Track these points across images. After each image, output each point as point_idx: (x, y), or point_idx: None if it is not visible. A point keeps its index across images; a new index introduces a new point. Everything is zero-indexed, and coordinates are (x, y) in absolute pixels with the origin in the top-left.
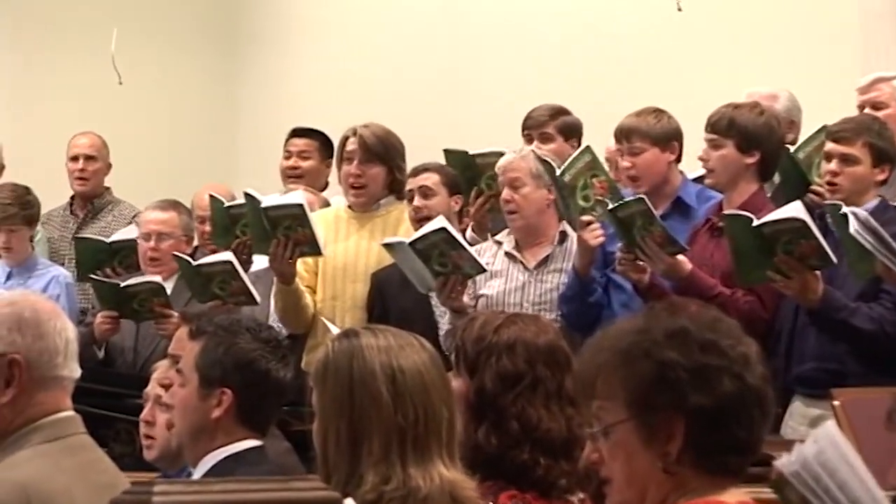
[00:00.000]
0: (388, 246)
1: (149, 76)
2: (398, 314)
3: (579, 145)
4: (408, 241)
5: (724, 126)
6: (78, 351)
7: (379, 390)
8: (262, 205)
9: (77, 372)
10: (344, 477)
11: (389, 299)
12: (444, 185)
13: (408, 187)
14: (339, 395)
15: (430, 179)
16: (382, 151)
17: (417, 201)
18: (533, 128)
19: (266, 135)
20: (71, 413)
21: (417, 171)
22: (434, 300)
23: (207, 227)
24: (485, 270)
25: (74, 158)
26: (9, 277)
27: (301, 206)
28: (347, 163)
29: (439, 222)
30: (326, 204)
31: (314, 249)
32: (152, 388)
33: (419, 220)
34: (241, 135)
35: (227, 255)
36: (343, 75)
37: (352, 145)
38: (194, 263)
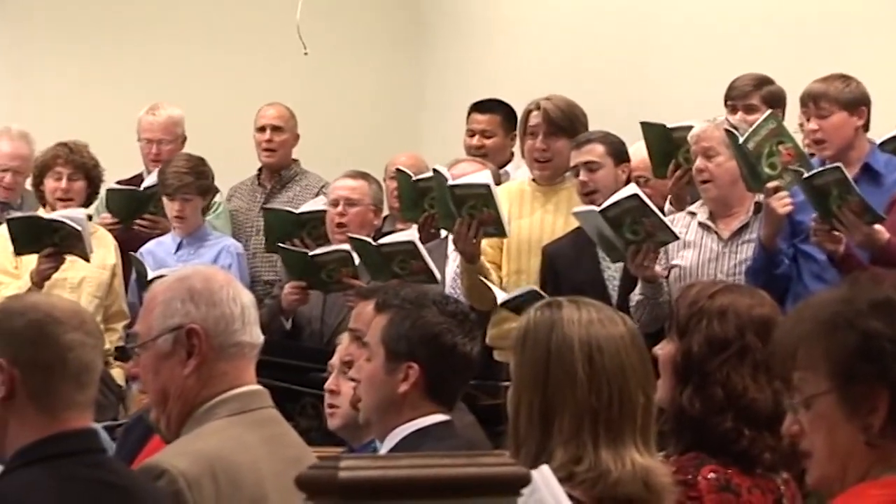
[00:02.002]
0: (578, 214)
1: (334, 46)
2: (570, 288)
3: (784, 116)
4: (599, 209)
5: None
6: (263, 320)
7: (574, 367)
8: (449, 183)
9: (259, 338)
10: (534, 450)
11: (562, 273)
12: (609, 156)
13: (572, 162)
14: (534, 366)
15: (595, 151)
16: (567, 124)
17: (583, 175)
18: (737, 98)
19: (450, 106)
20: (258, 387)
21: (580, 144)
22: (606, 273)
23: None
24: (678, 238)
25: (262, 129)
26: (179, 248)
27: (487, 185)
28: (531, 137)
29: (631, 189)
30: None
31: (499, 230)
32: (337, 359)
33: (587, 195)
34: (425, 106)
35: (410, 236)
36: (529, 46)
37: (535, 119)
38: (375, 243)
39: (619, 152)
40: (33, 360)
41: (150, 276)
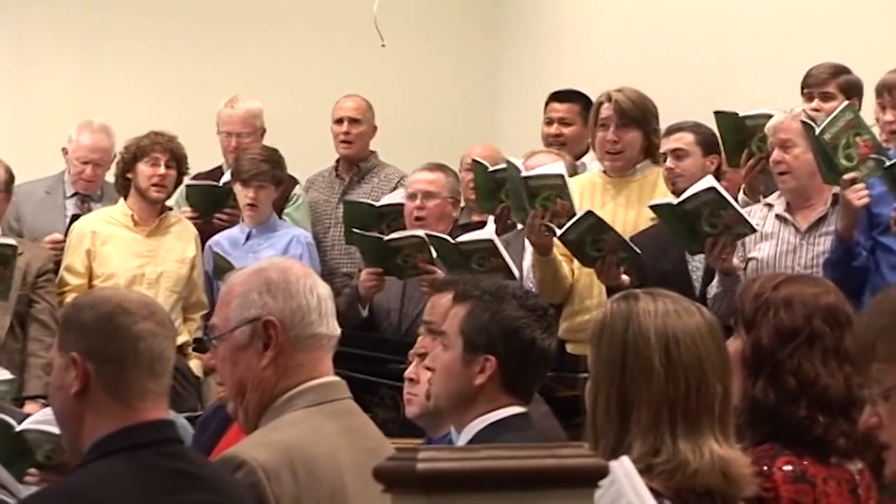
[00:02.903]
0: (654, 207)
1: (411, 38)
2: (655, 278)
3: (860, 105)
4: (675, 201)
5: None
6: (340, 308)
7: (651, 359)
8: (522, 174)
9: (336, 329)
10: (612, 443)
11: (647, 264)
12: (698, 145)
13: (661, 149)
14: (611, 359)
15: (683, 140)
16: (638, 115)
17: (670, 162)
18: (813, 86)
19: (526, 97)
20: (336, 378)
21: (671, 132)
22: (691, 264)
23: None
24: (755, 230)
25: (339, 121)
26: (248, 238)
27: (562, 176)
28: (602, 129)
29: (708, 181)
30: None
31: None
32: (417, 348)
33: (673, 182)
34: (501, 97)
35: (489, 234)
36: (605, 36)
37: (606, 111)
38: (454, 241)
39: (708, 143)
40: (105, 351)
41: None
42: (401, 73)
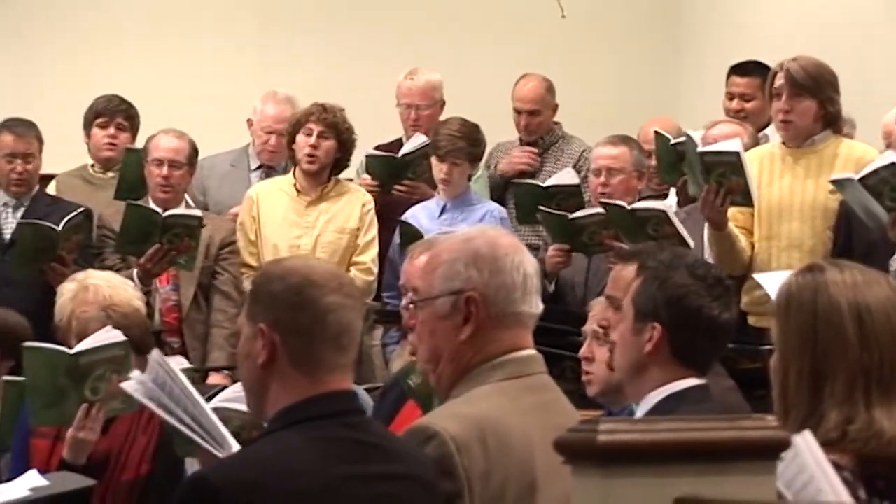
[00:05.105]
0: (836, 182)
1: (591, 9)
2: (862, 248)
3: None
4: (857, 176)
5: None
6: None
7: (844, 328)
8: (699, 149)
9: (538, 307)
10: (803, 414)
11: (855, 232)
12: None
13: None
14: (801, 331)
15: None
16: (812, 85)
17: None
18: None
19: (708, 69)
20: (533, 352)
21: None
22: None
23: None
24: None
25: (518, 112)
26: (443, 211)
27: (737, 153)
28: (777, 98)
29: (890, 156)
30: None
31: (746, 200)
32: (590, 325)
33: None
34: (682, 69)
35: (663, 205)
36: (789, 6)
37: (779, 80)
38: (629, 207)
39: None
40: (293, 323)
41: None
42: (581, 45)
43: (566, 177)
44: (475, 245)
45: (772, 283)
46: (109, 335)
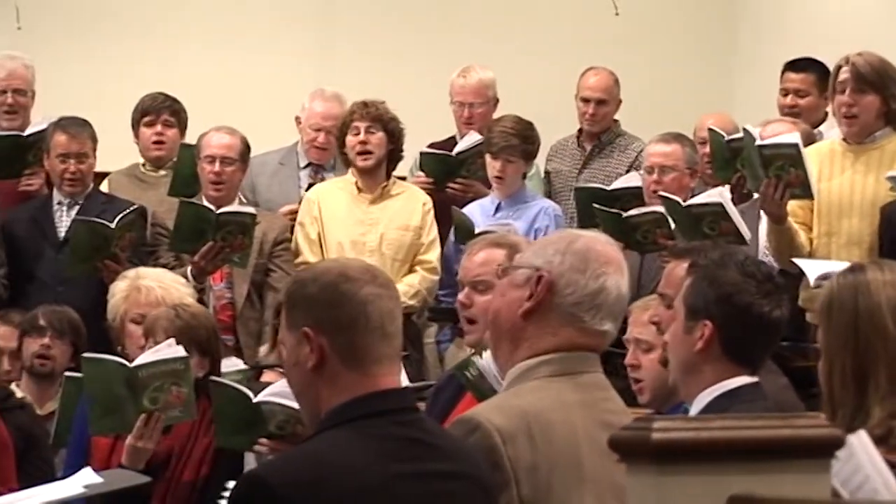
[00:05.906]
0: (893, 178)
1: (645, 7)
2: None
3: None
4: None
5: None
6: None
7: (885, 325)
8: (757, 143)
9: (602, 325)
10: (850, 412)
11: None
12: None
13: None
14: (843, 330)
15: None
16: (876, 80)
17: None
18: None
19: (763, 65)
20: (586, 352)
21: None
22: None
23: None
24: None
25: (585, 101)
26: (498, 209)
27: (796, 145)
28: (840, 93)
29: None
30: None
31: (806, 192)
32: (630, 332)
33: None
34: (737, 65)
35: (719, 197)
36: (846, 2)
37: (844, 74)
38: (684, 204)
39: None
40: (336, 321)
41: (477, 231)
42: (635, 42)
43: (631, 179)
44: (573, 238)
45: (812, 268)
46: (171, 350)
